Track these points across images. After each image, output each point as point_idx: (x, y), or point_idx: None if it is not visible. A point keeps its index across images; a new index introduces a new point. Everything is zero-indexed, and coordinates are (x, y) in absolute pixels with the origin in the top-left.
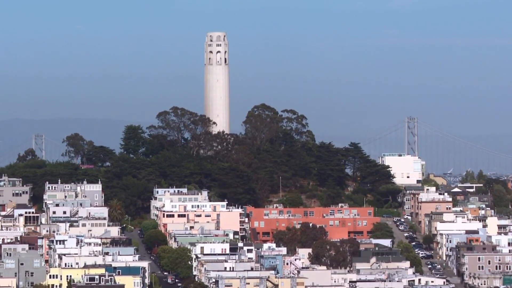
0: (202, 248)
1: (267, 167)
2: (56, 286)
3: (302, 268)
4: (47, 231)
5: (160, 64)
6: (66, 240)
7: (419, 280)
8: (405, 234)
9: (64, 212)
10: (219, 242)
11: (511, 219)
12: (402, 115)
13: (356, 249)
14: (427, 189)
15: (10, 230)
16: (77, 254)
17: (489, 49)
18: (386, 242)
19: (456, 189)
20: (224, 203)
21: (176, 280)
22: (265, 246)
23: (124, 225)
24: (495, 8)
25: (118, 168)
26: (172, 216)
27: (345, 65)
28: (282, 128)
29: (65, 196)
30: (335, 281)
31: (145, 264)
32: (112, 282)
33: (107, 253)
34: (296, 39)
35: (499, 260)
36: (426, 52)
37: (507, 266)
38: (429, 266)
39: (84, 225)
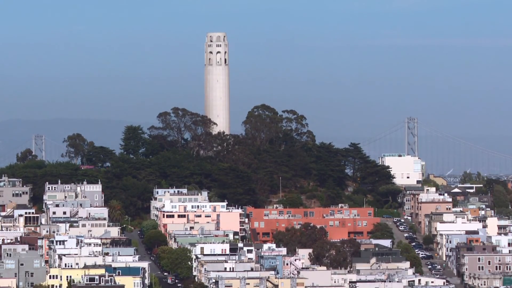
0: (202, 248)
1: (267, 168)
2: (56, 286)
3: (302, 268)
4: (47, 231)
5: (160, 64)
6: (66, 240)
7: (419, 280)
8: (405, 235)
9: (64, 213)
10: (219, 243)
11: (511, 220)
12: (402, 116)
13: (356, 249)
14: (427, 190)
15: (10, 230)
16: (77, 254)
17: (489, 49)
18: (386, 243)
19: (456, 190)
20: (224, 203)
21: (176, 281)
22: (265, 246)
23: (124, 226)
24: (495, 8)
25: (118, 169)
26: (172, 216)
27: (345, 65)
28: (282, 128)
29: (65, 197)
30: (335, 282)
31: (145, 264)
32: (112, 283)
33: (107, 254)
34: (296, 39)
35: (499, 260)
36: (426, 52)
37: (507, 267)
38: (429, 266)
39: (84, 225)
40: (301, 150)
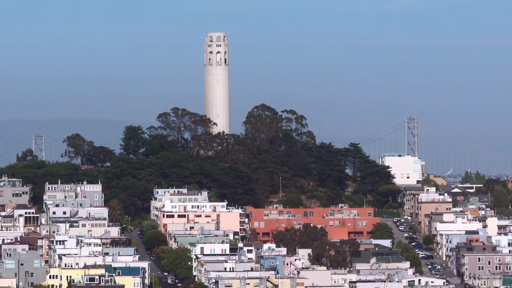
0: (202, 248)
1: (267, 168)
2: (56, 286)
3: (302, 268)
4: (47, 231)
5: (160, 64)
6: (66, 240)
7: (419, 280)
8: (405, 235)
9: (64, 213)
10: (219, 243)
11: (511, 220)
12: (402, 116)
13: (356, 249)
14: (427, 190)
15: (10, 230)
16: (77, 254)
17: (489, 49)
18: (386, 243)
19: (456, 190)
20: (224, 203)
21: (176, 281)
22: (265, 246)
23: (124, 226)
24: (495, 8)
25: (118, 169)
26: (172, 216)
27: (345, 65)
28: (282, 128)
29: (65, 197)
30: (335, 282)
31: (145, 264)
32: (112, 283)
33: (107, 254)
34: (296, 39)
35: (499, 260)
36: (426, 52)
37: (507, 267)
38: (429, 266)
39: (84, 225)
40: (301, 150)
